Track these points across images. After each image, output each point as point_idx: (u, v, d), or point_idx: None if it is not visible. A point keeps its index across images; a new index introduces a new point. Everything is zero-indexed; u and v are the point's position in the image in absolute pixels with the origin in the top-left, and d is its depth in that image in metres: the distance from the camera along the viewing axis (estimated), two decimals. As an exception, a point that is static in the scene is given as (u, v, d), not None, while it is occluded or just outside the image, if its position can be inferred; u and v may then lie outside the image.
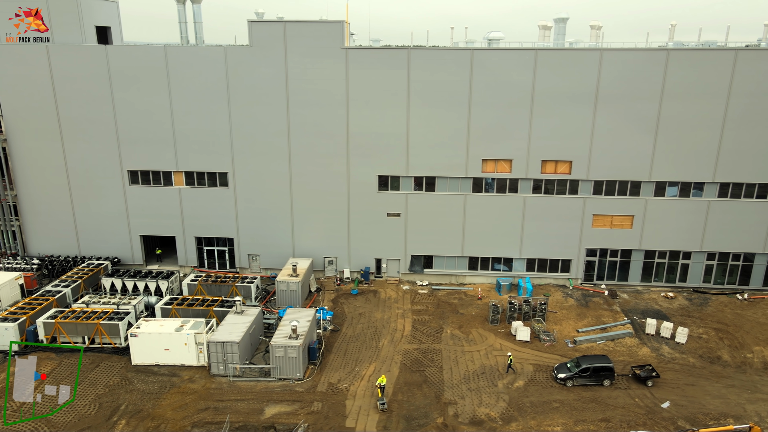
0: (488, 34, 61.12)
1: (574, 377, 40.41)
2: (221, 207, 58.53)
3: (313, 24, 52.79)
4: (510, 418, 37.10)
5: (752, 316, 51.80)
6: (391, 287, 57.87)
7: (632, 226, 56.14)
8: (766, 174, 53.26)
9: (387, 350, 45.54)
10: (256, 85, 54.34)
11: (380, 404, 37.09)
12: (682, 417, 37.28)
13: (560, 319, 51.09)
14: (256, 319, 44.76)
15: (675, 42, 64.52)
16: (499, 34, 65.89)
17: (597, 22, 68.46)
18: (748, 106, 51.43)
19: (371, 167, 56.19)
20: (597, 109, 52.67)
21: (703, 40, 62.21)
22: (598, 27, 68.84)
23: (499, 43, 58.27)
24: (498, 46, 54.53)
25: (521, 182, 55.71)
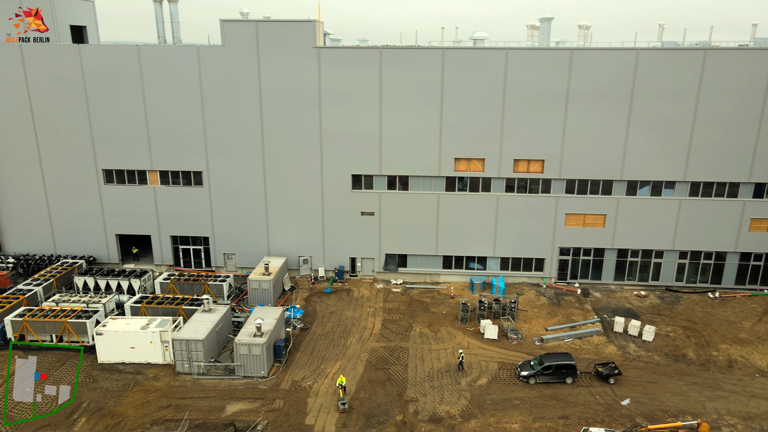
0: (473, 34, 61.36)
1: (537, 375, 40.61)
2: (196, 206, 58.67)
3: (284, 23, 52.95)
4: (470, 416, 37.29)
5: (722, 314, 52.04)
6: (365, 286, 58.05)
7: (605, 224, 56.37)
8: (736, 173, 53.51)
9: (354, 348, 45.72)
10: (229, 85, 54.49)
11: (341, 404, 37.18)
12: (641, 414, 37.50)
13: (530, 318, 51.30)
14: (223, 318, 44.91)
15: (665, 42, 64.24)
16: (483, 33, 65.96)
17: (585, 22, 68.15)
18: (718, 105, 51.65)
19: (345, 166, 56.36)
20: (568, 108, 52.88)
21: (698, 40, 62.00)
22: (586, 27, 68.39)
23: (483, 43, 58.35)
24: (469, 46, 54.63)
25: (494, 181, 55.91)
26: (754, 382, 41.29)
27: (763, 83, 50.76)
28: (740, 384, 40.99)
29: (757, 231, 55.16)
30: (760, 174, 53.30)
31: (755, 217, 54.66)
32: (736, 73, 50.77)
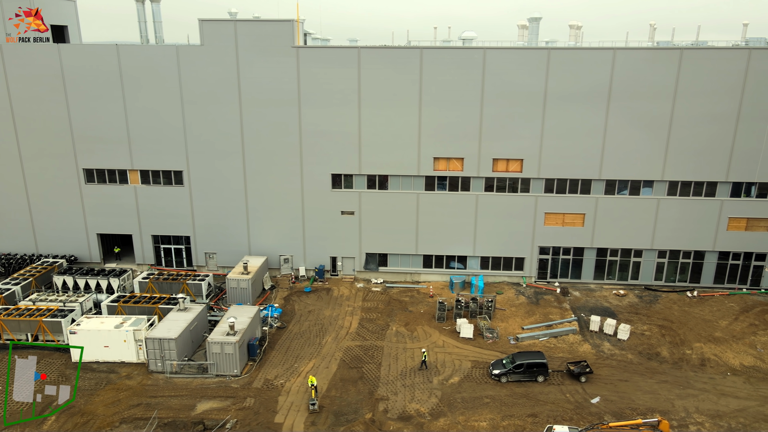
0: (462, 33, 61.48)
1: (509, 373, 40.75)
2: (177, 205, 58.77)
3: (263, 23, 53.08)
4: (439, 414, 37.42)
5: (699, 313, 52.20)
6: (346, 285, 58.18)
7: (584, 224, 56.53)
8: (713, 172, 53.69)
9: (329, 347, 45.85)
10: (208, 85, 54.60)
11: (311, 405, 37.07)
12: (610, 412, 37.66)
13: (508, 317, 51.44)
14: (198, 317, 45.02)
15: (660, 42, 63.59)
16: (471, 33, 66.04)
17: (576, 22, 67.99)
18: (695, 105, 51.83)
19: (324, 165, 56.49)
20: (546, 108, 53.03)
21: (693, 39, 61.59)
22: (577, 27, 68.23)
23: (471, 42, 58.37)
24: (447, 45, 54.72)
25: (473, 180, 56.05)
26: (725, 380, 41.45)
27: (740, 83, 50.93)
28: (711, 382, 41.15)
29: (735, 230, 55.32)
30: (738, 173, 53.47)
31: (733, 216, 54.83)
32: (713, 73, 50.93)
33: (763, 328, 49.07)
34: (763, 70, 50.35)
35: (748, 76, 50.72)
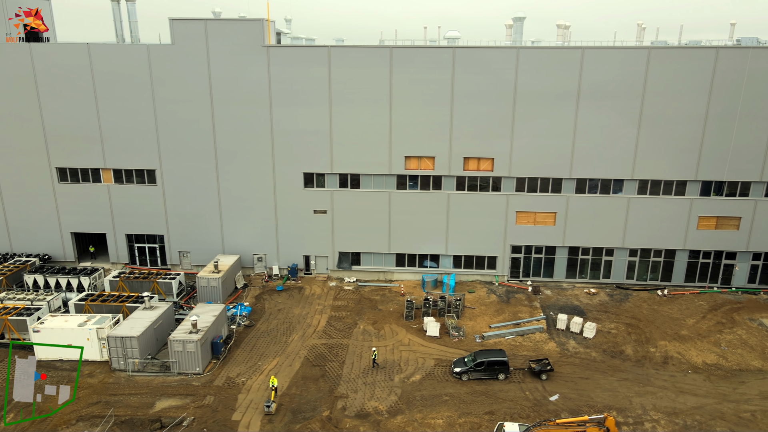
0: (446, 33, 61.68)
1: (470, 371, 40.88)
2: (150, 204, 58.84)
3: (233, 22, 53.19)
4: (397, 412, 37.55)
5: (667, 311, 52.38)
6: (318, 284, 58.31)
7: (555, 223, 56.69)
8: (683, 171, 53.86)
9: (295, 345, 45.97)
10: (180, 84, 54.68)
11: (266, 407, 36.70)
12: (568, 409, 37.80)
13: (477, 315, 51.58)
14: (163, 315, 45.09)
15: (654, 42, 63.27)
16: (455, 33, 66.16)
17: (564, 21, 67.95)
18: (664, 104, 51.98)
19: (296, 164, 56.61)
20: (516, 107, 53.17)
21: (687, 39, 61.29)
22: (565, 26, 68.33)
23: (456, 42, 58.51)
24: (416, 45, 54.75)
25: (445, 179, 56.18)
26: (685, 378, 41.63)
27: (707, 82, 51.11)
28: (671, 380, 41.31)
29: (705, 229, 55.52)
30: (707, 172, 53.66)
31: (703, 215, 55.02)
32: (681, 73, 51.11)
33: (729, 327, 49.25)
34: (730, 69, 50.54)
35: (716, 76, 50.90)
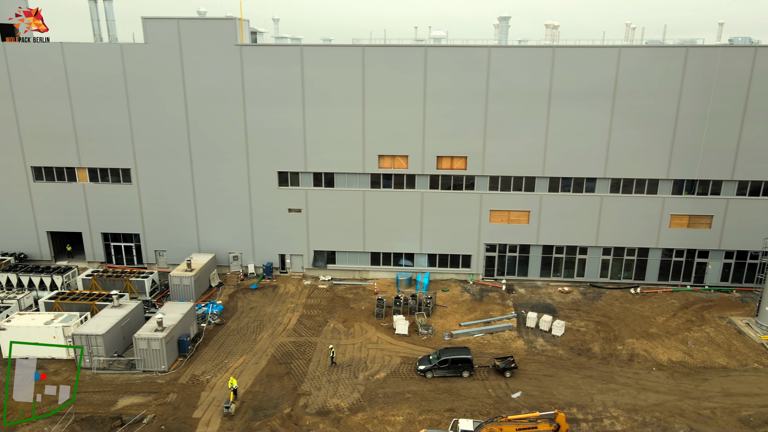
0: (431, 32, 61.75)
1: (434, 369, 41.00)
2: (125, 203, 58.93)
3: (205, 21, 53.31)
4: (358, 409, 37.67)
5: (639, 309, 52.54)
6: (293, 282, 58.44)
7: (529, 221, 56.84)
8: (655, 170, 54.03)
9: (263, 343, 46.08)
10: (153, 83, 54.78)
11: (225, 408, 36.54)
12: (528, 406, 37.92)
13: (448, 314, 51.72)
14: (131, 313, 45.19)
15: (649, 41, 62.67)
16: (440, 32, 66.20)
17: (552, 21, 67.89)
18: (635, 103, 52.16)
19: (271, 163, 56.73)
20: (488, 106, 53.33)
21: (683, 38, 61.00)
22: (554, 26, 68.27)
23: (441, 41, 58.55)
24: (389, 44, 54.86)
25: (418, 178, 56.32)
26: (649, 375, 41.77)
27: (678, 81, 51.28)
28: (635, 377, 41.46)
29: (677, 227, 55.71)
30: (679, 171, 53.84)
31: (675, 213, 55.20)
32: (651, 72, 51.28)
33: (698, 324, 49.43)
34: (700, 69, 50.71)
35: (686, 75, 51.08)
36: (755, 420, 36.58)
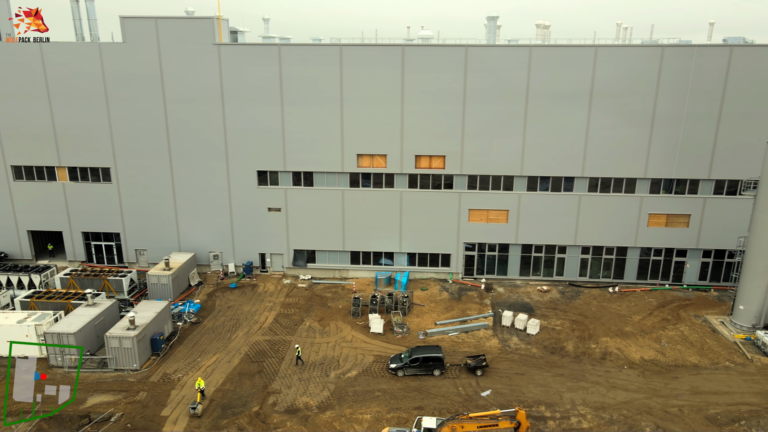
0: (419, 32, 61.89)
1: (405, 367, 41.08)
2: (105, 202, 58.98)
3: (183, 20, 53.36)
4: (327, 407, 37.74)
5: (615, 308, 52.65)
6: (273, 281, 58.51)
7: (507, 220, 56.93)
8: (632, 169, 54.14)
9: (237, 342, 46.14)
10: (132, 82, 54.82)
11: (191, 408, 36.38)
12: (498, 404, 37.95)
13: (425, 312, 51.81)
14: (105, 312, 45.22)
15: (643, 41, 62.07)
16: (428, 32, 66.37)
17: (543, 21, 67.80)
18: (612, 103, 52.29)
19: (250, 162, 56.79)
20: (466, 105, 53.41)
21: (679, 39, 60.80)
22: (545, 26, 68.23)
23: (429, 41, 58.60)
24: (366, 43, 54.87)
25: (397, 177, 56.40)
26: (619, 373, 41.87)
27: (654, 81, 51.40)
28: (605, 375, 41.56)
29: (655, 226, 55.83)
30: (656, 170, 53.96)
31: (653, 212, 55.32)
32: (628, 71, 51.39)
33: (674, 323, 49.54)
34: (676, 68, 50.82)
35: (663, 74, 51.19)
36: (722, 418, 36.69)
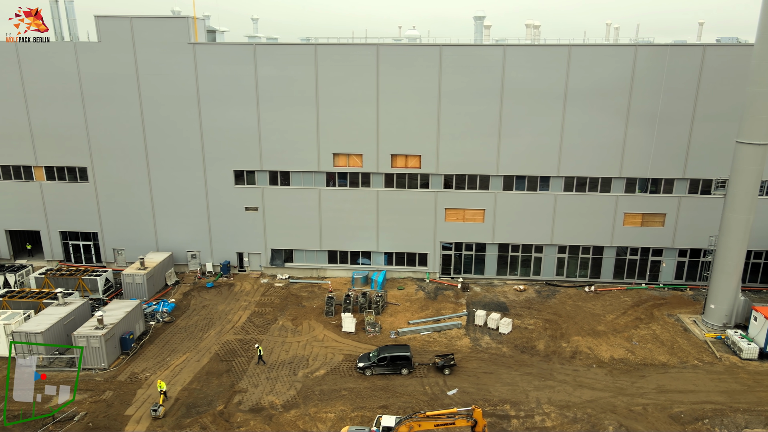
0: (406, 32, 62.06)
1: (373, 366, 41.11)
2: (83, 202, 58.95)
3: (158, 19, 53.35)
4: (292, 406, 37.76)
5: (590, 307, 52.71)
6: (250, 281, 58.52)
7: (484, 219, 56.96)
8: (607, 168, 54.19)
9: (209, 341, 46.15)
10: (108, 82, 54.80)
11: (152, 411, 36.18)
12: (463, 403, 37.99)
13: (399, 312, 51.84)
14: (76, 311, 45.18)
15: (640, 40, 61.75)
16: (415, 32, 66.52)
17: (533, 21, 67.82)
18: (586, 102, 52.33)
19: (226, 162, 56.80)
20: (441, 104, 53.43)
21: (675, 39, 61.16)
22: (534, 26, 68.24)
23: (415, 41, 58.61)
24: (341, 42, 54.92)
25: (373, 176, 56.42)
26: (588, 372, 41.93)
27: (627, 81, 51.46)
28: (573, 374, 41.62)
29: (631, 225, 55.89)
30: (631, 169, 54.02)
31: (628, 211, 55.38)
32: (602, 71, 51.45)
33: (646, 322, 49.61)
34: (649, 68, 50.88)
35: (636, 74, 51.26)
36: (686, 417, 36.76)
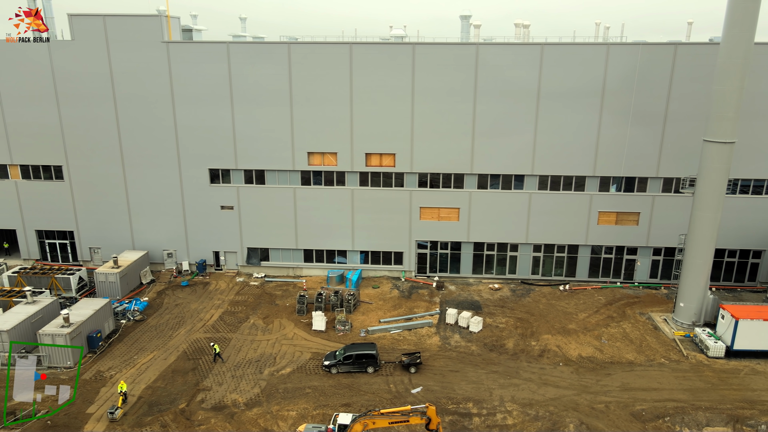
0: (392, 31, 61.95)
1: (338, 364, 41.12)
2: (59, 201, 58.87)
3: (131, 18, 53.29)
4: (255, 404, 37.76)
5: (564, 306, 52.73)
6: (226, 279, 58.50)
7: (459, 218, 56.98)
8: (580, 167, 54.22)
9: (178, 339, 46.13)
10: (82, 80, 54.73)
11: (109, 413, 35.86)
12: (427, 401, 37.98)
13: (372, 310, 51.84)
14: (44, 310, 45.10)
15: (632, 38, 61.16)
16: (400, 31, 66.35)
17: (522, 20, 67.61)
18: (559, 101, 52.32)
19: (202, 161, 56.76)
20: (414, 103, 53.43)
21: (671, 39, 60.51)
22: (524, 26, 68.03)
23: (402, 40, 58.42)
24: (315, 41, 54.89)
25: (348, 175, 56.40)
26: (554, 370, 41.96)
27: (600, 80, 51.49)
28: (539, 372, 41.65)
29: (605, 224, 55.94)
30: (605, 168, 54.05)
31: (602, 210, 55.43)
32: (575, 70, 51.45)
33: (618, 321, 49.65)
34: (622, 65, 50.91)
35: (608, 72, 51.29)
36: (647, 414, 36.80)
